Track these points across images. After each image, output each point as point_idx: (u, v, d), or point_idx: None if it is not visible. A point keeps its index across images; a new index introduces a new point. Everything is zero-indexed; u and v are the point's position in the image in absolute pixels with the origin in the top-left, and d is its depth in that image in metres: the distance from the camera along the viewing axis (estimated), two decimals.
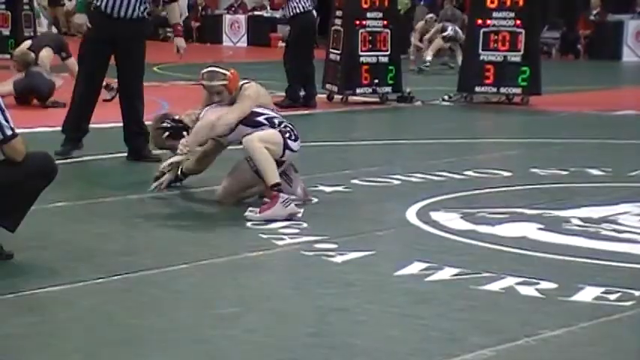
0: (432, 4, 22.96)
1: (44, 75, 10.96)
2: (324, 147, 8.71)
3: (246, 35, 25.73)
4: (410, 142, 9.23)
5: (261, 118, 5.98)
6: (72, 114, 7.79)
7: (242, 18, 25.85)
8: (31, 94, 11.00)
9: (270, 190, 5.73)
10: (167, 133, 6.08)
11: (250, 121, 5.96)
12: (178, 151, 5.92)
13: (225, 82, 6.06)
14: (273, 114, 6.11)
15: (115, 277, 4.54)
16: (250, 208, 5.78)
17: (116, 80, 8.04)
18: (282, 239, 5.28)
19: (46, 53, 11.12)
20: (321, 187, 6.61)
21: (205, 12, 27.23)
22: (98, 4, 7.54)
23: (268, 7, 24.04)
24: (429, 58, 17.08)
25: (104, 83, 11.26)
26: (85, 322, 3.96)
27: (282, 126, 6.01)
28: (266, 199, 5.88)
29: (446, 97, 12.39)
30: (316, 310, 4.11)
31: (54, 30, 25.99)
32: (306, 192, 6.17)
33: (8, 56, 15.18)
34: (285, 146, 5.92)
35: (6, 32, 16.96)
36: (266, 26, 24.72)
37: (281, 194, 5.68)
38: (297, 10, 11.31)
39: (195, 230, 5.55)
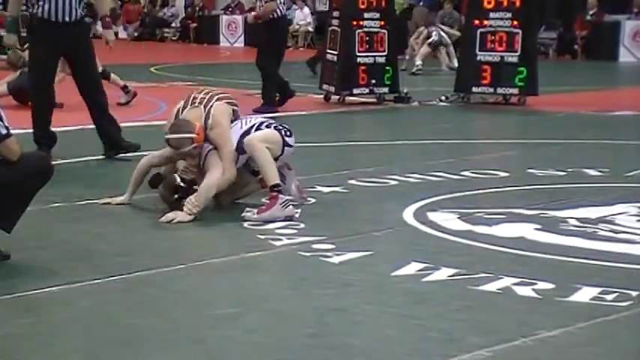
0: (431, 5, 22.98)
1: None
2: (321, 147, 8.72)
3: (243, 36, 25.74)
4: (407, 142, 9.24)
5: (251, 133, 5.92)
6: (37, 122, 7.73)
7: (239, 18, 25.86)
8: (26, 94, 10.98)
9: (270, 191, 5.74)
10: (176, 196, 5.89)
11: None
12: (186, 210, 5.66)
13: (194, 145, 5.77)
14: (257, 121, 6.07)
15: (113, 278, 4.55)
16: (247, 209, 5.78)
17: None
18: (279, 240, 5.28)
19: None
20: (318, 188, 6.62)
21: (202, 12, 27.24)
22: (37, 12, 7.46)
23: None
24: (419, 62, 17.17)
25: (123, 85, 11.32)
26: (83, 322, 3.96)
27: (274, 127, 6.01)
28: (264, 200, 5.89)
29: (443, 98, 12.41)
30: (314, 310, 4.12)
31: None
32: (301, 189, 6.18)
33: (5, 57, 15.23)
34: (284, 143, 5.94)
35: (3, 33, 16.93)
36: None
37: (280, 195, 5.69)
38: (274, 15, 11.11)
39: (193, 231, 5.55)
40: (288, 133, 6.02)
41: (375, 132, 10.38)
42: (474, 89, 12.21)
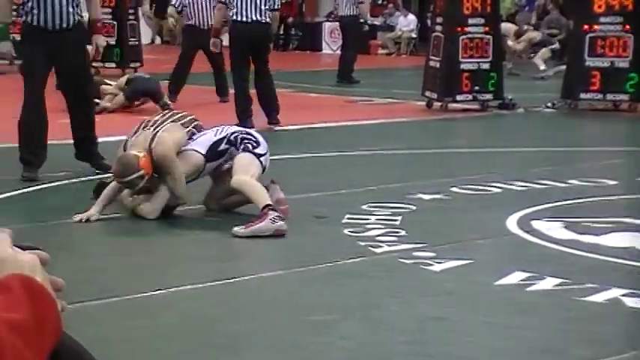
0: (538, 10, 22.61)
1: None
2: (423, 154, 8.63)
3: None
4: (511, 149, 9.07)
5: (222, 146, 5.90)
6: (25, 138, 7.08)
7: None
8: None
9: (261, 210, 5.56)
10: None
11: (215, 155, 5.89)
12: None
13: (147, 178, 5.74)
14: (228, 132, 5.96)
15: (214, 283, 4.58)
16: (236, 226, 5.53)
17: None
18: (380, 247, 5.24)
19: (115, 99, 11.07)
20: (420, 195, 6.55)
21: (305, 20, 27.43)
22: (29, 19, 7.00)
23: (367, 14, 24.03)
24: (543, 67, 16.85)
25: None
26: (187, 326, 3.99)
27: (240, 139, 5.91)
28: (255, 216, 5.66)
29: (549, 104, 12.16)
30: (413, 318, 4.06)
31: (158, 40, 26.53)
32: (283, 202, 5.85)
33: (114, 64, 15.64)
34: (258, 158, 5.85)
35: (112, 41, 17.37)
36: (365, 33, 24.71)
37: (270, 212, 5.52)
38: (234, 18, 9.88)
39: (293, 237, 5.54)
40: (255, 144, 5.91)
41: (478, 139, 10.24)
42: (582, 95, 11.92)
